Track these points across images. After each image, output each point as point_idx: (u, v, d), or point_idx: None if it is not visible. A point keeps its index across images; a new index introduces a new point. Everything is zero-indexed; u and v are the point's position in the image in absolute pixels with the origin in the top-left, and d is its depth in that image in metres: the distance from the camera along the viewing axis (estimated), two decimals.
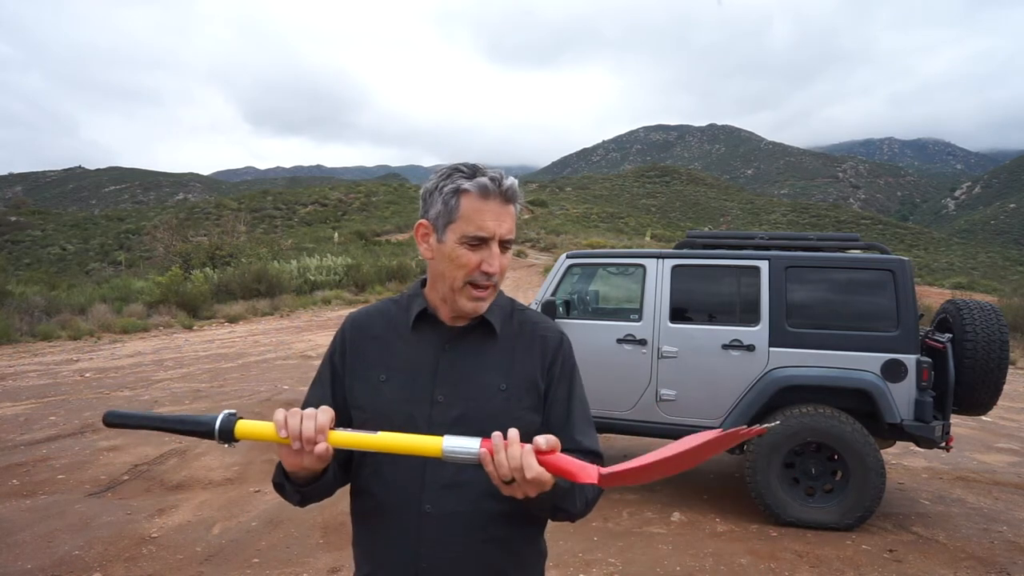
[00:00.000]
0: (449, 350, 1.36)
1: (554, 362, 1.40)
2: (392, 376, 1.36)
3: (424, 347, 1.37)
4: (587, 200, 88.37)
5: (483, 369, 1.35)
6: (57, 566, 3.71)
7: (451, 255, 1.31)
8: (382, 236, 39.38)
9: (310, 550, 4.02)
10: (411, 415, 1.32)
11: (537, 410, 1.37)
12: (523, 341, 1.40)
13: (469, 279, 1.31)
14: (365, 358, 1.40)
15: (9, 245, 50.05)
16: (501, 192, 1.30)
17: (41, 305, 14.33)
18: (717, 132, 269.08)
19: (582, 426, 1.42)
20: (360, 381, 1.38)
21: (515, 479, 1.12)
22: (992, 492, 5.43)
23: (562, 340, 1.44)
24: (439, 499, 1.28)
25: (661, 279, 4.95)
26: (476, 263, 1.30)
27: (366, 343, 1.41)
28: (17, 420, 6.83)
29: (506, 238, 1.32)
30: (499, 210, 1.30)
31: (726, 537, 4.36)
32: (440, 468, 1.27)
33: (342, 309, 19.31)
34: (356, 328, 1.44)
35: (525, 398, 1.35)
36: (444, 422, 1.31)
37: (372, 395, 1.36)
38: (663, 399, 4.84)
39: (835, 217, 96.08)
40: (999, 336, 4.47)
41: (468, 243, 1.30)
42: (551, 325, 1.46)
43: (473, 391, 1.33)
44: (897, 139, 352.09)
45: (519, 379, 1.36)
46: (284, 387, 8.71)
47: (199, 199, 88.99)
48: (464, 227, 1.29)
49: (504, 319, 1.41)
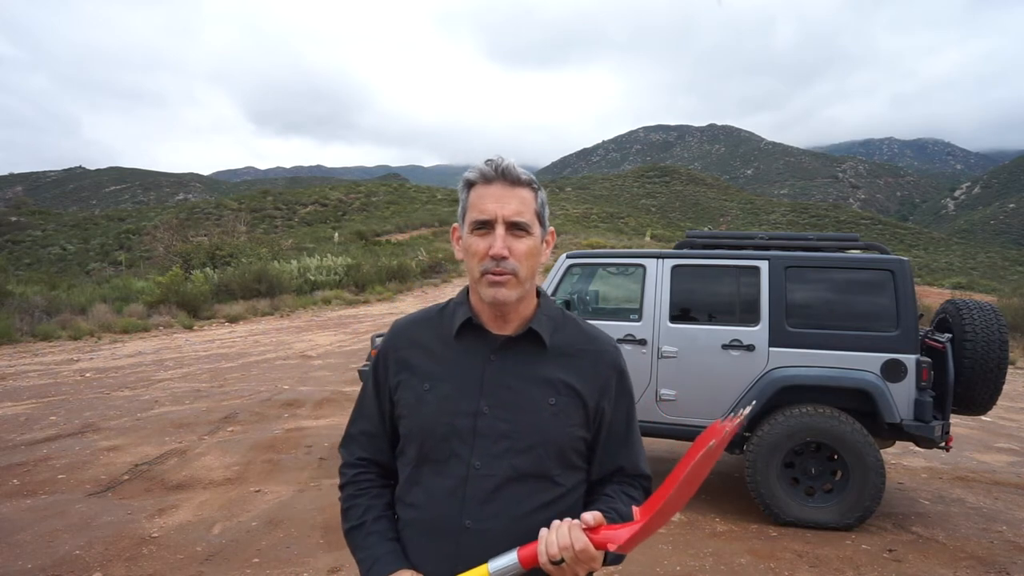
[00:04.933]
0: (495, 360, 1.32)
1: (609, 379, 1.37)
2: (435, 386, 1.32)
3: (469, 357, 1.33)
4: (587, 200, 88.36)
5: (531, 382, 1.31)
6: (57, 566, 3.72)
7: (466, 246, 1.31)
8: (382, 236, 39.36)
9: (310, 550, 4.02)
10: (453, 426, 1.29)
11: (586, 427, 1.34)
12: (575, 354, 1.35)
13: (482, 267, 1.27)
14: (409, 367, 1.36)
15: (9, 245, 50.03)
16: (500, 174, 1.28)
17: (41, 305, 14.33)
18: (717, 132, 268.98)
19: (639, 448, 1.41)
20: (405, 390, 1.35)
21: (564, 559, 1.11)
22: (992, 492, 5.43)
23: (618, 356, 1.40)
24: (479, 514, 1.26)
25: (661, 279, 4.96)
26: (484, 249, 1.27)
27: (410, 352, 1.38)
28: (17, 420, 6.83)
29: (513, 219, 1.27)
30: (501, 192, 1.27)
31: (726, 537, 4.36)
32: (480, 483, 1.26)
33: (342, 309, 19.31)
34: (399, 337, 1.41)
35: (575, 414, 1.32)
36: (490, 435, 1.28)
37: (415, 405, 1.33)
38: (663, 399, 4.84)
39: (835, 217, 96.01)
40: (999, 336, 4.48)
41: (476, 231, 1.28)
42: (604, 338, 1.41)
43: (521, 404, 1.29)
44: (897, 139, 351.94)
45: (569, 394, 1.31)
46: (284, 387, 8.72)
47: (199, 199, 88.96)
48: (471, 215, 1.29)
49: (554, 329, 1.36)
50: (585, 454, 1.36)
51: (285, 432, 6.56)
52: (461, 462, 1.27)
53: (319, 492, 4.98)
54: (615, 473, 1.39)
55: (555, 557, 1.10)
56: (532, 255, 1.30)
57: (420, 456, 1.32)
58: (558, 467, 1.30)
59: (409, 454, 1.35)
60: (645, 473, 1.41)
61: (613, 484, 1.37)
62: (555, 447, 1.29)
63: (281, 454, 5.90)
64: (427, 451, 1.31)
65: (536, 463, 1.28)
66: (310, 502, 4.78)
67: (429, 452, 1.30)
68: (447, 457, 1.29)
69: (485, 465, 1.27)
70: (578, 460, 1.34)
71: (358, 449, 1.43)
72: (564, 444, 1.30)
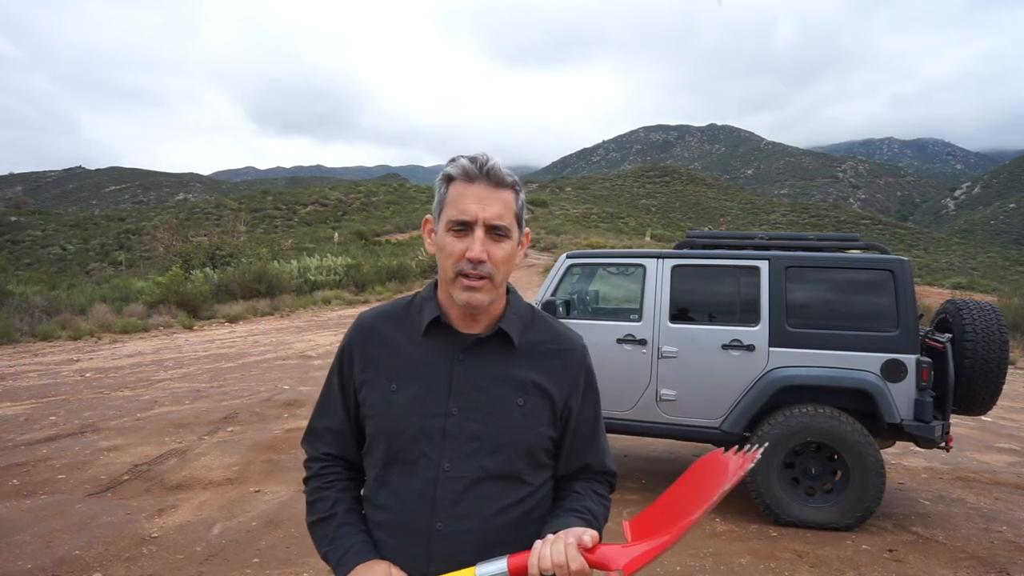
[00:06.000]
0: (464, 360, 1.30)
1: (578, 378, 1.36)
2: (403, 386, 1.30)
3: (437, 356, 1.30)
4: (587, 200, 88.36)
5: (500, 382, 1.29)
6: (57, 566, 3.71)
7: (440, 244, 1.27)
8: (382, 236, 39.38)
9: (310, 550, 4.01)
10: (423, 427, 1.27)
11: (554, 425, 1.33)
12: (544, 353, 1.34)
13: (457, 269, 1.23)
14: (375, 364, 1.33)
15: (9, 245, 50.04)
16: (484, 174, 1.23)
17: (41, 305, 14.33)
18: (717, 132, 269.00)
19: (605, 445, 1.42)
20: (371, 390, 1.32)
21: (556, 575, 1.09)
22: (992, 492, 5.43)
23: (585, 355, 1.39)
24: (449, 516, 1.25)
25: (661, 279, 4.95)
26: (461, 251, 1.23)
27: (375, 349, 1.35)
28: (17, 420, 6.83)
29: (494, 223, 1.23)
30: (483, 193, 1.23)
31: (726, 537, 4.36)
32: (450, 484, 1.25)
33: (342, 309, 19.32)
34: (364, 333, 1.37)
35: (543, 414, 1.31)
36: (459, 436, 1.26)
37: (383, 406, 1.30)
38: (663, 399, 4.84)
39: (835, 217, 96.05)
40: (999, 336, 4.47)
41: (453, 230, 1.24)
42: (573, 336, 1.40)
43: (489, 405, 1.28)
44: (897, 139, 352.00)
45: (538, 394, 1.31)
46: (284, 387, 8.71)
47: (199, 199, 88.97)
48: (448, 212, 1.24)
49: (523, 329, 1.34)
50: (553, 452, 1.36)
51: (285, 432, 6.56)
52: (430, 463, 1.26)
53: None
54: (581, 470, 1.38)
55: (547, 571, 1.08)
56: (509, 260, 1.27)
57: (388, 457, 1.30)
58: (527, 466, 1.30)
59: (376, 454, 1.32)
60: (611, 470, 1.41)
61: (580, 481, 1.37)
62: (524, 447, 1.29)
63: (281, 454, 5.90)
64: (395, 452, 1.29)
65: (505, 463, 1.27)
66: None
67: (397, 453, 1.28)
68: (416, 458, 1.27)
69: (454, 467, 1.26)
70: (546, 459, 1.34)
71: (323, 445, 1.40)
72: (533, 444, 1.30)
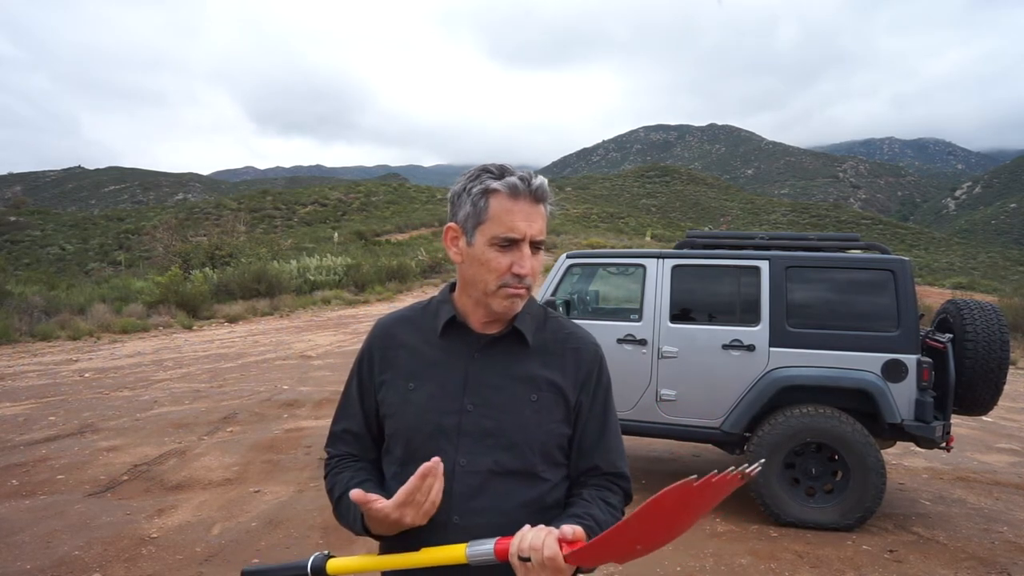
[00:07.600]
0: (479, 358, 1.34)
1: (589, 375, 1.38)
2: (420, 385, 1.34)
3: (453, 355, 1.35)
4: (587, 200, 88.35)
5: (514, 379, 1.33)
6: (57, 566, 3.71)
7: (481, 258, 1.29)
8: (382, 236, 39.37)
9: (310, 550, 4.00)
10: (440, 425, 1.30)
11: (567, 422, 1.35)
12: (556, 351, 1.37)
13: (501, 282, 1.28)
14: (394, 366, 1.38)
15: (9, 245, 50.01)
16: (531, 192, 1.27)
17: (40, 305, 14.33)
18: (717, 132, 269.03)
19: (616, 445, 1.41)
20: (389, 390, 1.37)
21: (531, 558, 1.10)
22: (992, 492, 5.42)
23: (597, 352, 1.41)
24: (466, 510, 1.27)
25: (661, 279, 4.95)
26: (507, 265, 1.27)
27: (394, 351, 1.39)
28: (17, 420, 6.83)
29: (537, 239, 1.29)
30: (529, 210, 1.27)
31: (726, 537, 4.35)
32: (466, 480, 1.28)
33: (342, 309, 19.31)
34: (383, 336, 1.42)
35: (556, 410, 1.33)
36: (474, 433, 1.30)
37: (401, 405, 1.34)
38: (663, 399, 4.83)
39: (835, 217, 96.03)
40: (999, 336, 4.47)
41: (498, 245, 1.27)
42: (585, 335, 1.42)
43: (504, 402, 1.31)
44: (897, 139, 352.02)
45: (551, 390, 1.33)
46: (284, 387, 8.71)
47: (199, 199, 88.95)
48: (494, 228, 1.26)
49: (536, 328, 1.38)
50: (567, 450, 1.37)
51: (285, 432, 6.56)
52: (447, 459, 1.28)
53: (319, 492, 4.97)
54: (591, 471, 1.38)
55: (523, 554, 1.11)
56: (541, 268, 1.33)
57: (407, 454, 1.33)
58: (543, 463, 1.32)
59: (395, 452, 1.36)
60: (622, 472, 1.40)
61: (590, 487, 1.37)
62: (538, 443, 1.31)
63: (281, 454, 5.89)
64: (414, 449, 1.32)
65: (520, 459, 1.30)
66: (310, 502, 4.77)
67: (416, 450, 1.31)
68: (433, 455, 1.29)
69: (470, 462, 1.29)
70: (561, 456, 1.36)
71: (343, 446, 1.44)
72: (547, 440, 1.32)
